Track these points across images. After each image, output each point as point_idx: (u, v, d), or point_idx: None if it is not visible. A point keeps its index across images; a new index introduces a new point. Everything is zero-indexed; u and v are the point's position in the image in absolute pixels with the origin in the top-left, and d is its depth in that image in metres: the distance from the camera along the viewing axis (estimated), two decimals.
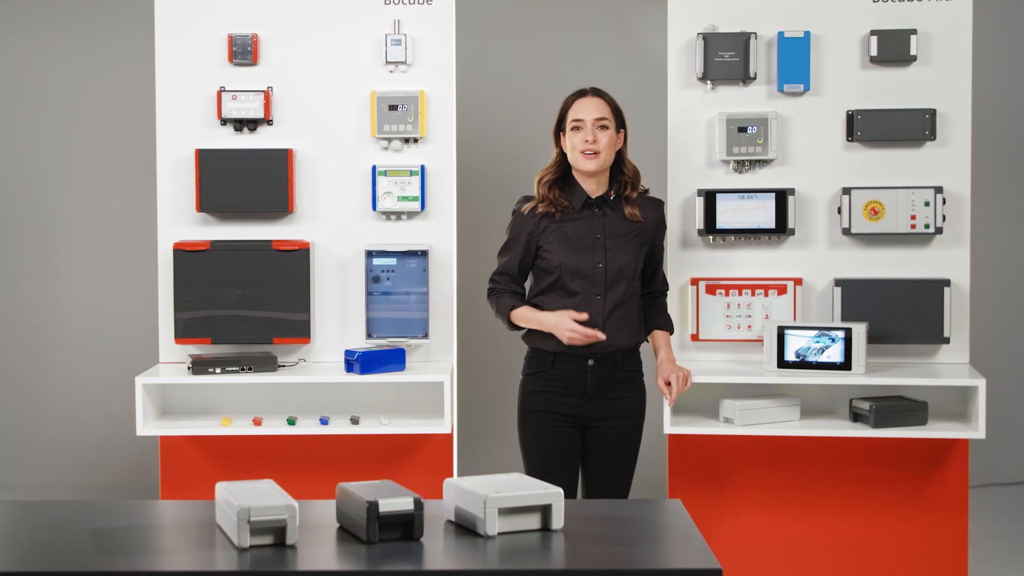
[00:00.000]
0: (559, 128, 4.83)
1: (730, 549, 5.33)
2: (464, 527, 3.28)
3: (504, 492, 3.23)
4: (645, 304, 4.97)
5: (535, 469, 4.78)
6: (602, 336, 4.66)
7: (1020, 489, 7.38)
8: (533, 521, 3.26)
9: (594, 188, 4.82)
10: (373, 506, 3.14)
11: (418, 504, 3.18)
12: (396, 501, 3.16)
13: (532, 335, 4.84)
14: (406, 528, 3.18)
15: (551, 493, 3.26)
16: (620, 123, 4.82)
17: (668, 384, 4.89)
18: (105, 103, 7.32)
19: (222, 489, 3.27)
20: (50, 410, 7.42)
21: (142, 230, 6.78)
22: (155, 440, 5.47)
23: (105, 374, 7.31)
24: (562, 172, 4.85)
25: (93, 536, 3.23)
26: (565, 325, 4.66)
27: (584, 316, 4.67)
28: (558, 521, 3.25)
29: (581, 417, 4.79)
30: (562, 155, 4.83)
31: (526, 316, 4.79)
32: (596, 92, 4.82)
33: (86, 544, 3.18)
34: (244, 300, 5.41)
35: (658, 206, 4.93)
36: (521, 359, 4.90)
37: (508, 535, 3.21)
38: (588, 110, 4.75)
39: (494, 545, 3.16)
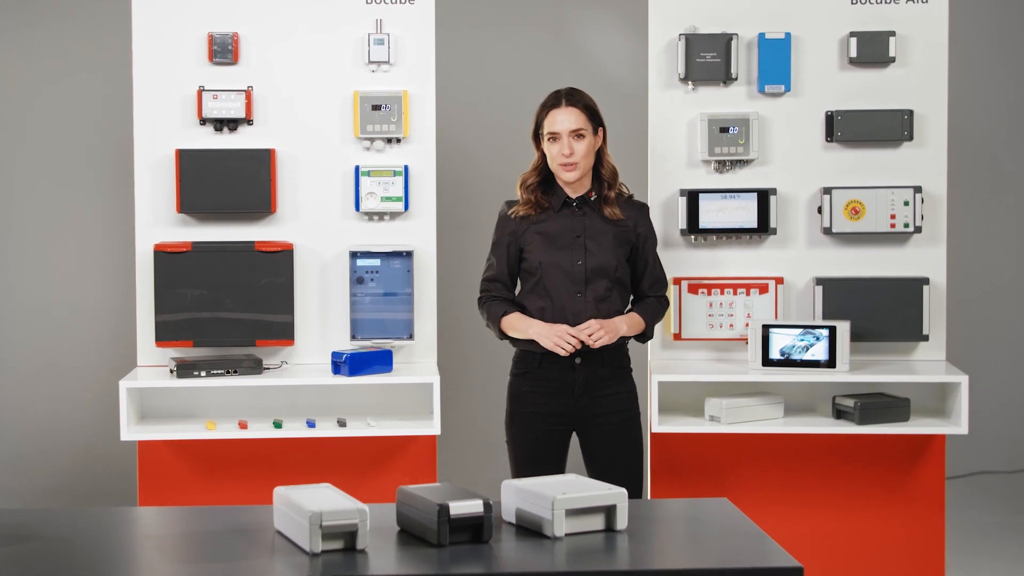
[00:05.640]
0: (537, 133, 4.84)
1: None
2: (527, 528, 3.27)
3: (570, 493, 3.22)
4: (633, 305, 4.97)
5: (523, 469, 4.78)
6: (585, 339, 4.64)
7: (992, 479, 7.55)
8: (598, 522, 3.25)
9: (575, 189, 4.82)
10: (444, 509, 3.11)
11: (487, 506, 3.16)
12: (466, 504, 3.14)
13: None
14: (475, 531, 3.16)
15: (615, 494, 3.26)
16: (597, 124, 4.82)
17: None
18: (81, 102, 7.13)
19: (283, 493, 3.22)
20: (18, 415, 7.21)
21: (120, 232, 6.63)
22: (127, 445, 5.34)
23: (78, 378, 7.13)
24: (544, 175, 4.85)
25: (156, 543, 3.18)
26: (555, 332, 4.66)
27: (574, 329, 4.67)
28: (622, 522, 3.25)
29: (572, 416, 4.79)
30: (543, 157, 4.83)
31: (515, 325, 4.78)
32: (570, 100, 4.77)
33: (149, 552, 3.12)
34: (226, 302, 5.32)
35: (642, 209, 4.94)
36: (497, 362, 4.89)
37: (574, 536, 3.21)
38: (564, 122, 4.73)
39: (562, 546, 3.15)
